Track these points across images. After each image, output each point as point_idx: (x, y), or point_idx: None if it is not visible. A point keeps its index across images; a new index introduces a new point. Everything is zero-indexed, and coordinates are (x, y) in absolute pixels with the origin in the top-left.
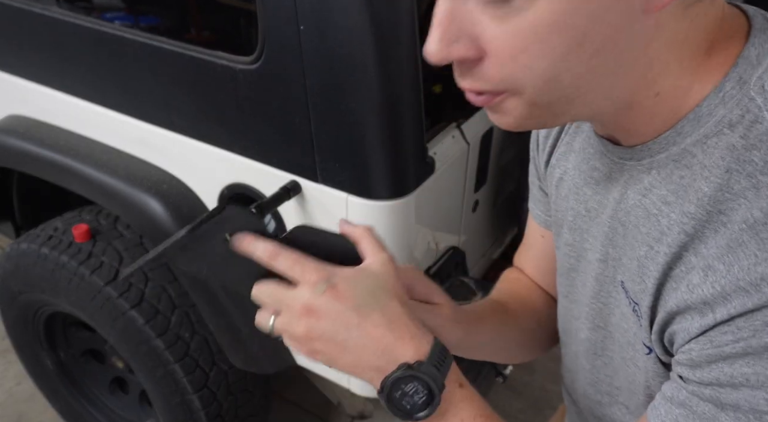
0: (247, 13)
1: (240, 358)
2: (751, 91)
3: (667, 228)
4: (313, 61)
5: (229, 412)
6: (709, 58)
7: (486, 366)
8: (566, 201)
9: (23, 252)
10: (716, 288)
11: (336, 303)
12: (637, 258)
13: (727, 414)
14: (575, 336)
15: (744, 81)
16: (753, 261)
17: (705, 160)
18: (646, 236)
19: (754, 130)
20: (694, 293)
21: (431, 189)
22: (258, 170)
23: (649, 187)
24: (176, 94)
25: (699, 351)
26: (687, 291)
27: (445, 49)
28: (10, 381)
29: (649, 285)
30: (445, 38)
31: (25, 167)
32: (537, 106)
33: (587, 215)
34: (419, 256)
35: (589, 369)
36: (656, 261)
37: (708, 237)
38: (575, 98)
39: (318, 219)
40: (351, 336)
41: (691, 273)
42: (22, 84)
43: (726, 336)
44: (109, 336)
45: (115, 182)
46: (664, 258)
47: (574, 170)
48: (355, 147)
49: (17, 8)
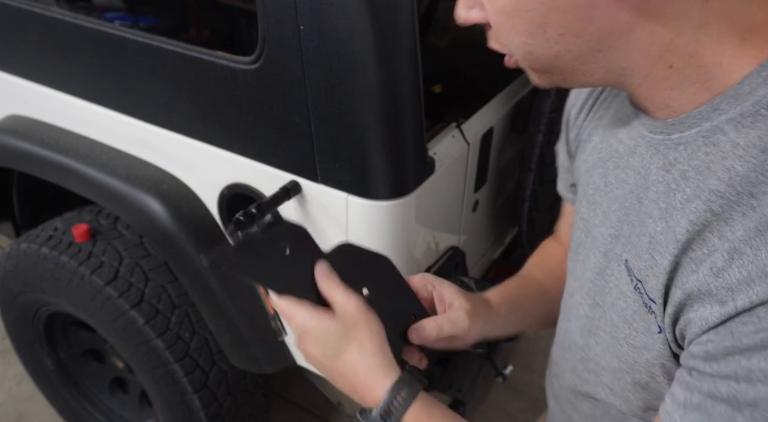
0: (247, 13)
1: (240, 358)
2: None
3: (687, 204)
4: (313, 61)
5: (229, 412)
6: (752, 37)
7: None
8: (589, 175)
9: (23, 252)
10: (742, 274)
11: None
12: (650, 234)
13: (744, 414)
14: (574, 312)
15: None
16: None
17: (738, 138)
18: (664, 212)
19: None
20: (719, 277)
21: (431, 189)
22: (258, 170)
23: (674, 161)
24: (176, 94)
25: (717, 342)
26: (710, 274)
27: (465, 14)
28: (10, 381)
29: (663, 262)
30: (465, 5)
31: (25, 167)
32: (536, 70)
33: (605, 189)
34: (419, 256)
35: (582, 346)
36: (674, 238)
37: (735, 219)
38: (567, 69)
39: (318, 219)
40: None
41: (714, 255)
42: (22, 84)
43: (746, 327)
44: (109, 336)
45: (115, 182)
46: (685, 236)
47: (601, 143)
48: (355, 147)
49: (17, 8)
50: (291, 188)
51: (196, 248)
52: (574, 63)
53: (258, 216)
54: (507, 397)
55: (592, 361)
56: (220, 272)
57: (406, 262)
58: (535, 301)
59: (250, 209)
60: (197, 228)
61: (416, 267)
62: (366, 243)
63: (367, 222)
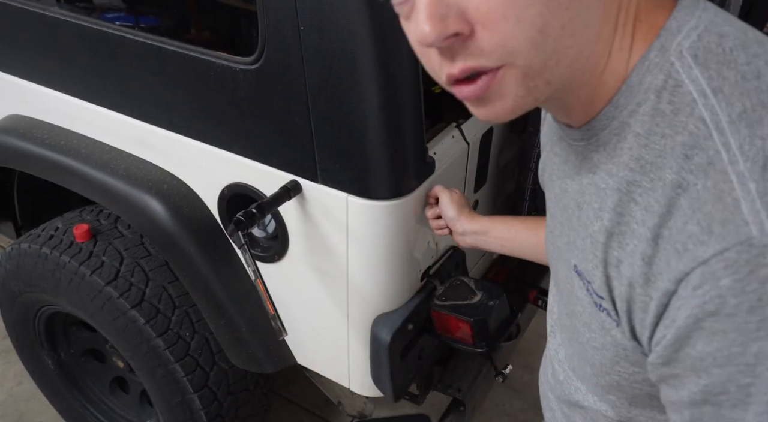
0: (247, 13)
1: (240, 358)
2: (671, 57)
3: (611, 197)
4: (313, 61)
5: (229, 412)
6: (635, 29)
7: (486, 365)
8: (546, 189)
9: (24, 252)
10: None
11: None
12: (591, 235)
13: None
14: (558, 324)
15: (665, 48)
16: (683, 221)
17: (638, 128)
18: (597, 211)
19: (678, 94)
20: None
21: (431, 189)
22: (258, 170)
23: (598, 163)
24: (176, 94)
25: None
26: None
27: (439, 26)
28: (10, 381)
29: (600, 257)
30: (435, 17)
31: (26, 167)
32: (531, 74)
33: (555, 200)
34: (419, 256)
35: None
36: (605, 231)
37: (652, 205)
38: (560, 53)
39: (318, 219)
40: None
41: (641, 244)
42: (22, 84)
43: (680, 311)
44: (110, 335)
45: (116, 182)
46: (612, 228)
47: (546, 157)
48: (355, 147)
49: (17, 8)
50: (291, 188)
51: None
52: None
53: (258, 216)
54: (507, 397)
55: (575, 370)
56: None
57: (406, 262)
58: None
59: (251, 209)
60: (198, 228)
61: (416, 267)
62: (366, 243)
63: (367, 222)
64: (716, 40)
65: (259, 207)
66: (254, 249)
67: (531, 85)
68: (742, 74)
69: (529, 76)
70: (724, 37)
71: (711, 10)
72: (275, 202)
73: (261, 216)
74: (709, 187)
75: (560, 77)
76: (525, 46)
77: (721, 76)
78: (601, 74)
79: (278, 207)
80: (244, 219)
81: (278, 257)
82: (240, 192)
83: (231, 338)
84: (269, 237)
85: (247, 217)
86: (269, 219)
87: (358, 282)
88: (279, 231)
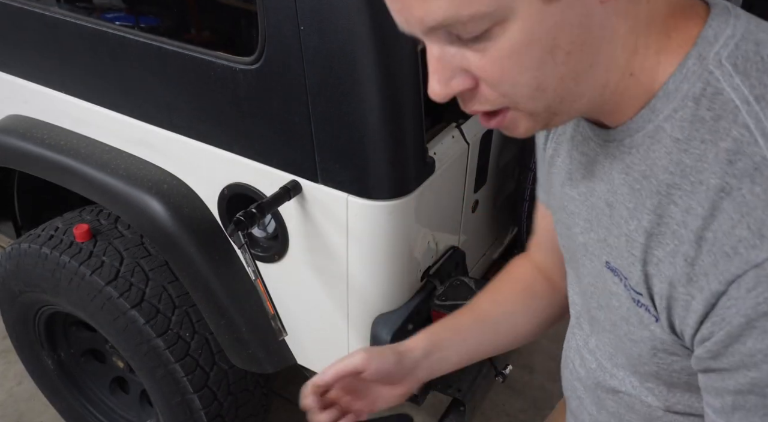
0: (247, 13)
1: (240, 358)
2: (710, 66)
3: (649, 199)
4: (313, 61)
5: (229, 412)
6: (669, 39)
7: (486, 365)
8: (563, 188)
9: (24, 252)
10: (711, 258)
11: None
12: (626, 234)
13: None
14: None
15: (703, 57)
16: (730, 224)
17: (677, 133)
18: (632, 211)
19: (717, 101)
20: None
21: (431, 189)
22: (258, 170)
23: (631, 164)
24: (176, 94)
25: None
26: (685, 264)
27: (447, 87)
28: (10, 381)
29: (639, 256)
30: (443, 79)
31: (26, 167)
32: (536, 113)
33: (579, 199)
34: (419, 256)
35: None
36: (644, 232)
37: (694, 207)
38: (566, 96)
39: (318, 219)
40: None
41: (684, 245)
42: (22, 84)
43: (730, 310)
44: (110, 336)
45: (116, 182)
46: (652, 229)
47: (567, 157)
48: (355, 147)
49: (17, 8)
50: (291, 188)
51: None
52: (572, 85)
53: (258, 216)
54: (507, 397)
55: (611, 359)
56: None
57: (406, 262)
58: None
59: (251, 209)
60: (197, 228)
61: (416, 267)
62: (366, 243)
63: (367, 223)
64: (753, 49)
65: (259, 207)
66: (254, 249)
67: (540, 121)
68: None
69: (534, 115)
70: (761, 44)
71: (743, 18)
72: (275, 202)
73: (261, 217)
74: (757, 192)
75: (573, 109)
76: (525, 99)
77: (763, 83)
78: (636, 79)
79: (278, 207)
80: (244, 220)
81: (278, 257)
82: (240, 192)
83: (231, 338)
84: (269, 237)
85: (247, 217)
86: (269, 220)
87: (358, 282)
88: (279, 231)
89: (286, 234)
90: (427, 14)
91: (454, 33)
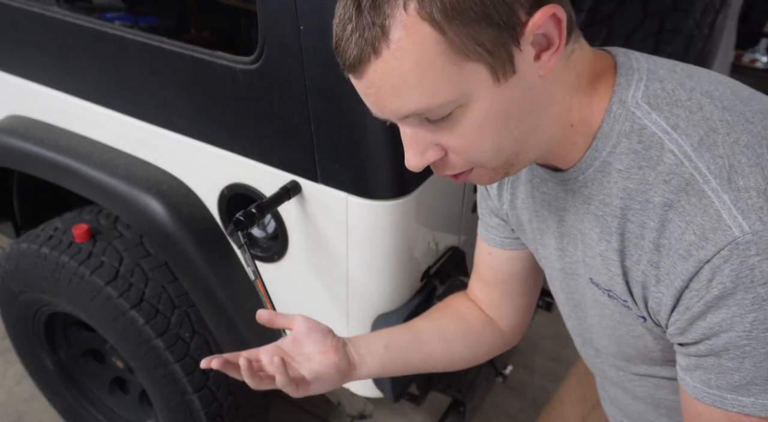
0: (247, 13)
1: None
2: (631, 108)
3: (612, 222)
4: (313, 61)
5: (229, 412)
6: (595, 90)
7: (486, 366)
8: (530, 223)
9: (23, 252)
10: (670, 260)
11: None
12: (599, 254)
13: (723, 357)
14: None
15: (623, 101)
16: (679, 232)
17: (618, 164)
18: (600, 234)
19: (644, 134)
20: (658, 268)
21: (431, 189)
22: (258, 170)
23: (589, 196)
24: (176, 94)
25: (681, 319)
26: (651, 267)
27: (422, 159)
28: (10, 381)
29: (617, 271)
30: (418, 153)
31: (26, 167)
32: (497, 168)
33: (548, 230)
34: (419, 256)
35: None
36: (615, 250)
37: (647, 222)
38: (521, 152)
39: (318, 219)
40: None
41: (647, 254)
42: (22, 84)
43: (692, 300)
44: (109, 336)
45: (115, 182)
46: (620, 246)
47: (527, 198)
48: (355, 147)
49: (17, 8)
50: (291, 188)
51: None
52: (525, 141)
53: (258, 217)
54: (507, 397)
55: (620, 356)
56: None
57: (406, 262)
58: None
59: (251, 209)
60: (197, 228)
61: (416, 267)
62: (366, 243)
63: (367, 223)
64: (659, 86)
65: (258, 207)
66: (254, 249)
67: (500, 172)
68: (688, 109)
69: (496, 169)
70: (664, 81)
71: (642, 60)
72: (275, 202)
73: (261, 217)
74: (693, 202)
75: (527, 159)
76: (487, 159)
77: (674, 114)
78: (576, 129)
79: (278, 207)
80: (243, 220)
81: (278, 257)
82: (240, 192)
83: (231, 338)
84: (269, 237)
85: (246, 217)
86: (269, 220)
87: (358, 283)
88: (279, 231)
89: (286, 234)
90: (401, 107)
91: (424, 117)
